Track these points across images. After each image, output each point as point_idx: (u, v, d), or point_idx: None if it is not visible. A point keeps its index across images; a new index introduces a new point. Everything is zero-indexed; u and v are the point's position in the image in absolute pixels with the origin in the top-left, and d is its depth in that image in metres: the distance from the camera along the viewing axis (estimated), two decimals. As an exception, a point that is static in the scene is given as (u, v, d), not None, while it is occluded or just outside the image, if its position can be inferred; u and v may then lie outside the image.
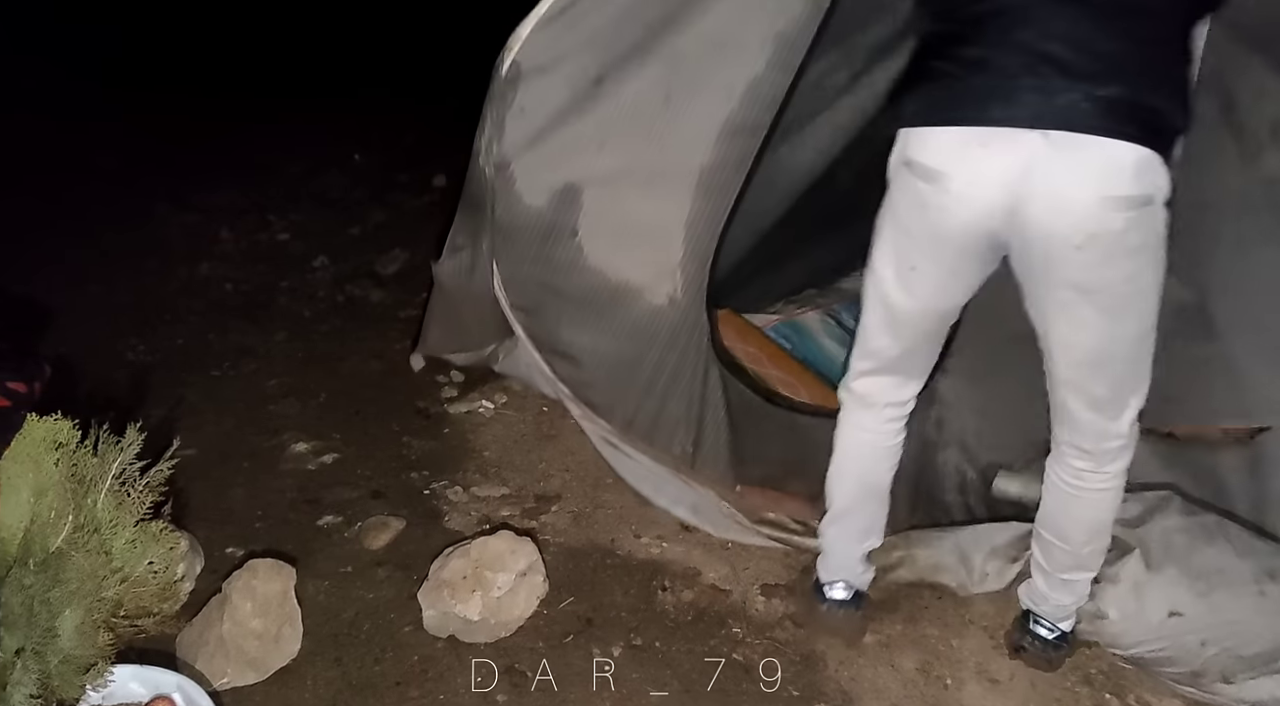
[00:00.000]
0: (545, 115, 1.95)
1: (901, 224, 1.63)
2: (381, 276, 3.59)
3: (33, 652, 1.32)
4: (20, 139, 4.27)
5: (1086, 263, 1.48)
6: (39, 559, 1.34)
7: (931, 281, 1.64)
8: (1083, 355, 1.60)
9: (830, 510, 1.95)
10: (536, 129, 1.96)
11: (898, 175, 1.61)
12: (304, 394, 2.87)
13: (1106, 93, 1.40)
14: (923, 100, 1.55)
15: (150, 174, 4.38)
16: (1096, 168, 1.42)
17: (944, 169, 1.51)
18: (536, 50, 1.89)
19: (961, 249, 1.59)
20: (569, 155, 1.98)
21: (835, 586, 2.00)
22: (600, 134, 1.95)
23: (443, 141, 4.91)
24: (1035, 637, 1.90)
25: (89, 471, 1.45)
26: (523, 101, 1.93)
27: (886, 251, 1.67)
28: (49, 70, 5.28)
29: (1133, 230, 1.46)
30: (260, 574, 1.95)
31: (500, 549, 2.06)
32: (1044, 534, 1.83)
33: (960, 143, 1.50)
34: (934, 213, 1.55)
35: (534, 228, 2.02)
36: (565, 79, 1.92)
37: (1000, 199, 1.48)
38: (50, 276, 3.40)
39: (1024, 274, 1.59)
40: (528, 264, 2.05)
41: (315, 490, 2.46)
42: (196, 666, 1.84)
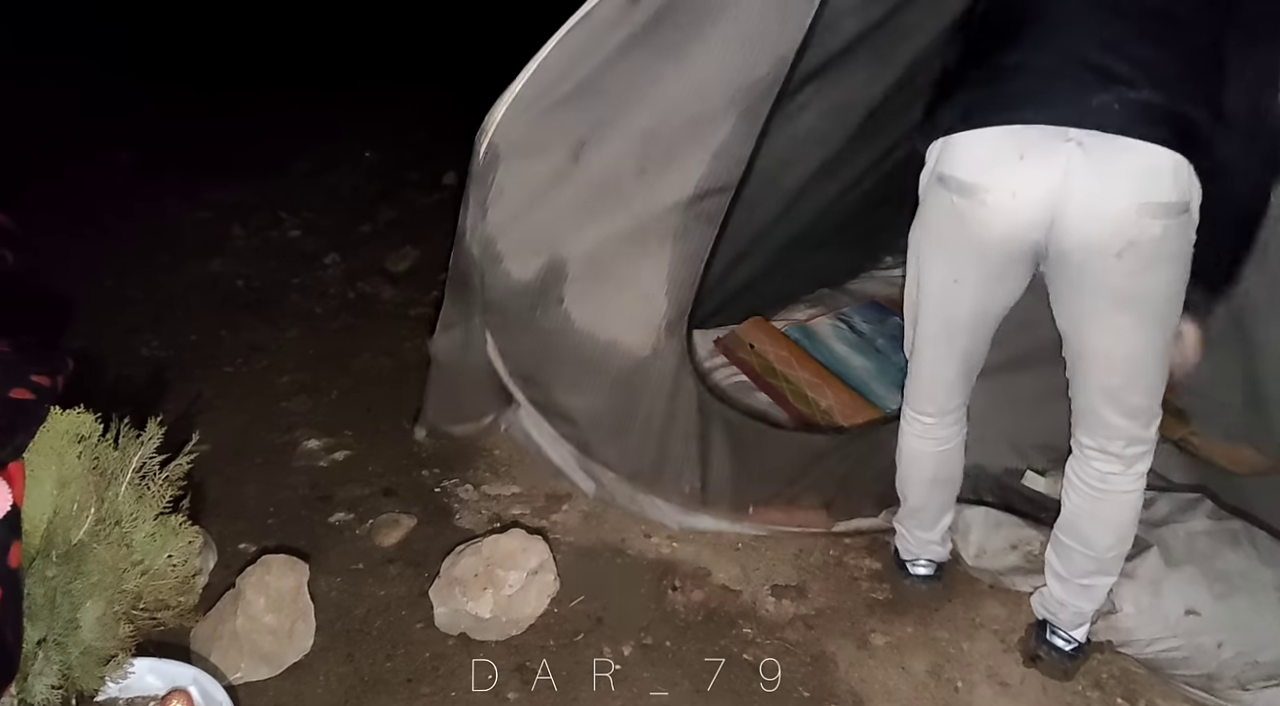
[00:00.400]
0: (525, 193, 2.01)
1: (941, 239, 1.65)
2: (392, 274, 3.60)
3: (54, 643, 1.33)
4: (37, 135, 4.30)
5: (1127, 271, 1.49)
6: (61, 551, 1.35)
7: (976, 291, 1.67)
8: (1120, 363, 1.60)
9: (905, 507, 2.05)
10: (518, 206, 2.02)
11: (931, 191, 1.63)
12: (316, 391, 2.88)
13: (1140, 97, 1.41)
14: (958, 108, 1.56)
15: (164, 170, 4.40)
16: (1135, 174, 1.44)
17: (980, 181, 1.52)
18: (512, 131, 1.94)
19: (1003, 259, 1.61)
20: (551, 229, 2.04)
21: (918, 563, 2.10)
22: (579, 207, 2.01)
23: (453, 139, 4.91)
24: (1052, 648, 1.90)
25: (110, 465, 1.46)
26: (502, 182, 1.99)
27: (928, 266, 1.70)
28: (67, 67, 5.30)
29: (1171, 237, 1.47)
30: (274, 569, 1.96)
31: (512, 547, 2.07)
32: (1065, 539, 1.83)
33: (995, 154, 1.51)
34: (973, 226, 1.57)
35: (523, 299, 2.09)
36: (542, 158, 1.98)
37: (1038, 210, 1.50)
38: (64, 271, 3.42)
39: (1059, 283, 1.60)
40: (520, 333, 2.13)
41: (327, 487, 2.47)
42: (211, 660, 1.86)
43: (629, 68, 1.88)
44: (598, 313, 2.10)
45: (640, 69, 1.88)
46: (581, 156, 1.95)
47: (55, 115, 4.71)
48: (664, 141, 1.93)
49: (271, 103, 5.22)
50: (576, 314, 2.09)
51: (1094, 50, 1.43)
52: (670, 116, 1.91)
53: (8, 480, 1.24)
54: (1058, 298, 1.62)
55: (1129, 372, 1.61)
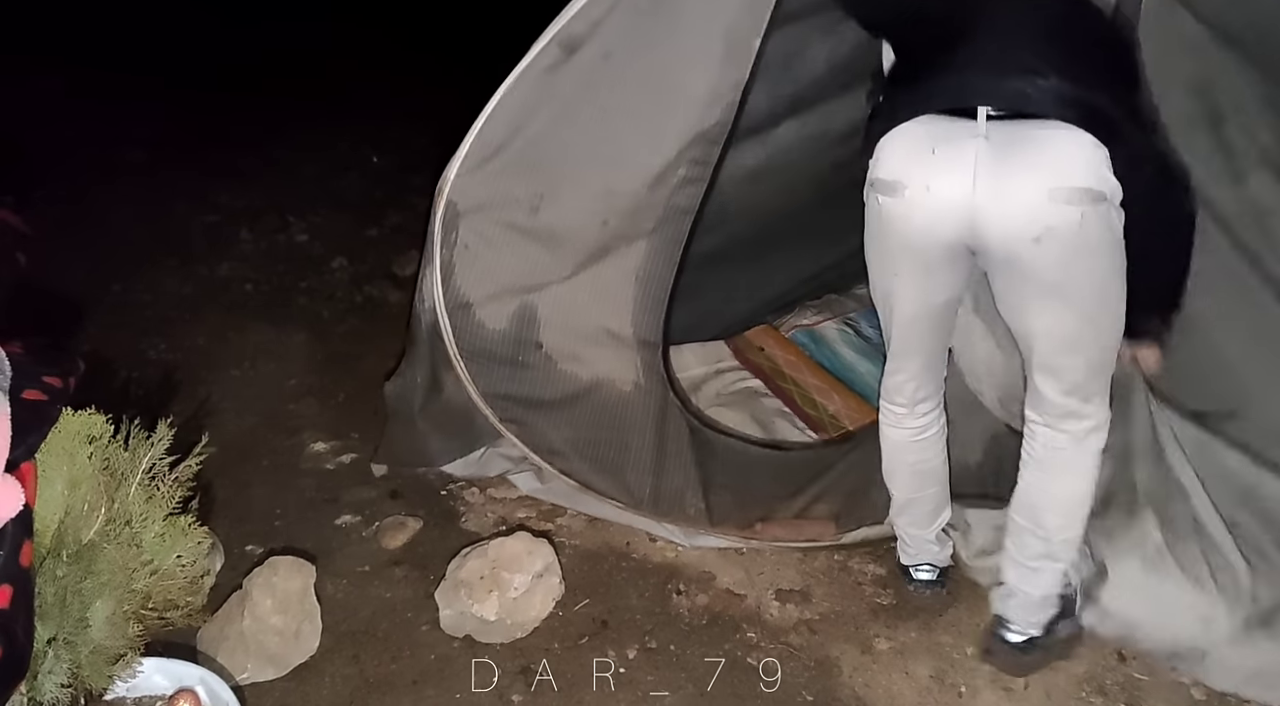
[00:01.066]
0: (488, 246, 2.04)
1: (874, 238, 1.74)
2: (399, 277, 3.62)
3: (64, 642, 1.34)
4: (45, 138, 4.32)
5: (1048, 258, 1.53)
6: (72, 550, 1.36)
7: (914, 286, 1.74)
8: (1057, 344, 1.65)
9: (895, 503, 2.07)
10: (482, 259, 2.05)
11: (868, 196, 1.70)
12: (323, 393, 2.90)
13: (1050, 83, 1.45)
14: (883, 114, 1.63)
15: (172, 174, 4.43)
16: (1045, 159, 1.48)
17: (898, 179, 1.59)
18: (468, 189, 1.99)
19: (929, 252, 1.66)
20: (518, 277, 2.07)
21: (920, 569, 2.11)
22: (543, 255, 2.05)
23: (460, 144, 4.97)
24: (1002, 641, 1.91)
25: (120, 465, 1.47)
26: (465, 238, 2.02)
27: (872, 266, 1.79)
28: (76, 70, 5.34)
29: (1091, 226, 1.50)
30: (281, 571, 1.97)
31: (517, 550, 2.08)
32: (1018, 519, 1.85)
33: (909, 150, 1.58)
34: (897, 223, 1.65)
35: (502, 348, 2.12)
36: (501, 211, 2.02)
37: (954, 202, 1.55)
38: (73, 274, 3.44)
39: (991, 272, 1.67)
40: (504, 382, 2.15)
41: (334, 489, 2.48)
42: (217, 661, 1.87)
43: (579, 124, 1.95)
44: (575, 354, 2.14)
45: (590, 126, 1.95)
46: (540, 209, 2.01)
47: (63, 118, 4.74)
48: (625, 198, 1.99)
49: (279, 107, 5.25)
50: (556, 355, 2.14)
51: (1004, 47, 1.49)
52: (628, 176, 1.97)
53: (20, 480, 1.25)
54: (992, 286, 1.70)
55: (1065, 352, 1.66)
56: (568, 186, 2.00)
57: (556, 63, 1.89)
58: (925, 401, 1.93)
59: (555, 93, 1.92)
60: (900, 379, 1.91)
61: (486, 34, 6.59)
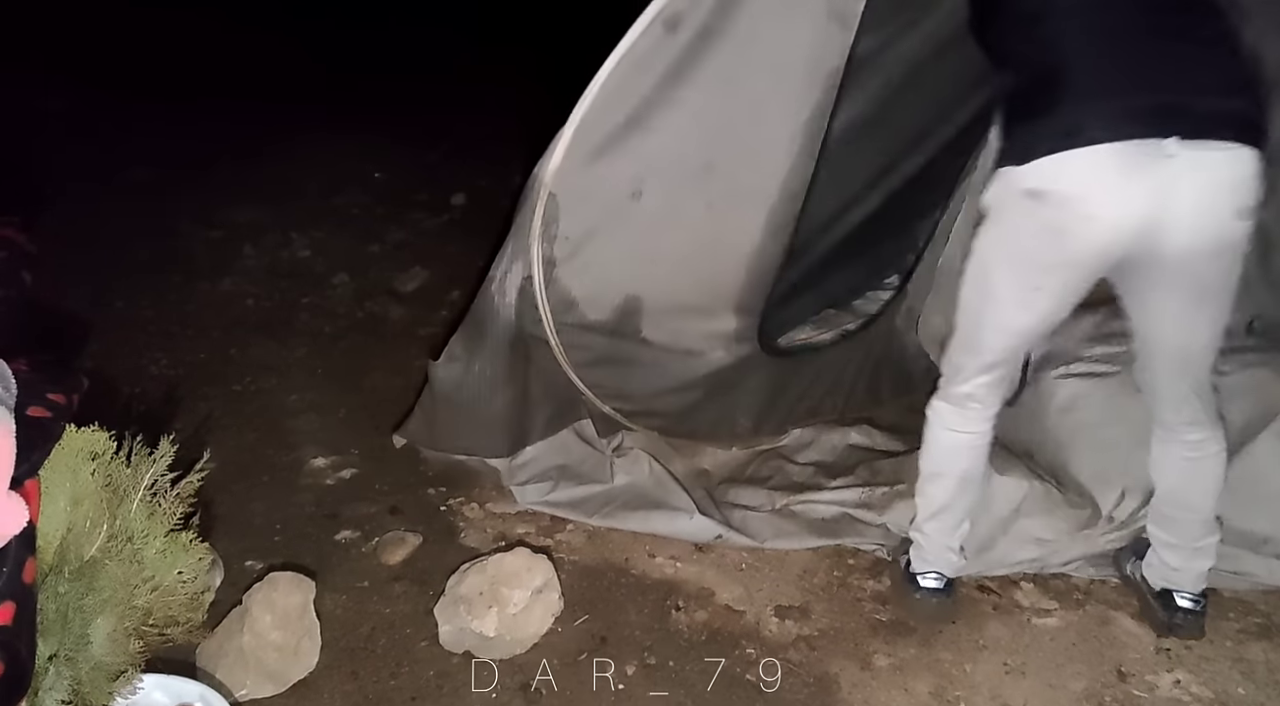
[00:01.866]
0: (588, 238, 2.03)
1: (1025, 250, 1.71)
2: (401, 294, 3.64)
3: (65, 658, 1.35)
4: (48, 156, 4.36)
5: (1218, 269, 1.63)
6: (74, 567, 1.37)
7: (1055, 299, 1.75)
8: (1200, 348, 1.77)
9: (929, 508, 2.06)
10: (584, 251, 2.05)
11: (1015, 205, 1.67)
12: (323, 409, 2.91)
13: (1232, 105, 1.51)
14: (1057, 128, 1.59)
15: (176, 191, 4.45)
16: (1233, 181, 1.54)
17: (1082, 194, 1.58)
18: (568, 179, 1.95)
19: (1094, 269, 1.69)
20: (624, 269, 2.09)
21: (928, 576, 2.10)
22: (646, 245, 2.06)
23: (462, 160, 5.00)
24: (1185, 612, 2.00)
25: (122, 482, 1.48)
26: (566, 230, 2.00)
27: (1003, 275, 1.76)
28: (79, 88, 5.38)
29: (1246, 235, 1.59)
30: (280, 587, 1.98)
31: (516, 565, 2.08)
32: (1170, 512, 1.98)
33: (1098, 169, 1.56)
34: (1071, 239, 1.63)
35: (602, 337, 2.17)
36: (604, 201, 2.00)
37: (1139, 220, 1.57)
38: (76, 291, 3.46)
39: (1144, 284, 1.71)
40: (601, 366, 2.22)
41: (333, 505, 2.49)
42: (217, 677, 1.87)
43: (678, 102, 1.90)
44: (674, 335, 2.19)
45: (690, 103, 1.90)
46: (642, 197, 1.97)
47: (68, 137, 4.77)
48: (727, 176, 1.97)
49: (281, 124, 5.27)
50: (657, 342, 2.19)
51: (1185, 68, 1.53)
52: (730, 150, 1.95)
53: (24, 497, 1.26)
54: (1140, 298, 1.74)
55: (1206, 352, 1.78)
56: (669, 171, 1.96)
57: (656, 43, 1.83)
58: (995, 406, 1.95)
59: (654, 73, 1.86)
60: (985, 382, 1.90)
61: (487, 54, 6.66)
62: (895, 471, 2.43)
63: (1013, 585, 2.20)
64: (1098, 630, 2.08)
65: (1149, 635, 2.06)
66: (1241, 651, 2.01)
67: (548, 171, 1.94)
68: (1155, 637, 2.05)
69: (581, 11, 7.35)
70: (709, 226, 2.06)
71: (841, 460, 2.55)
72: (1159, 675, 1.96)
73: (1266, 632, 2.05)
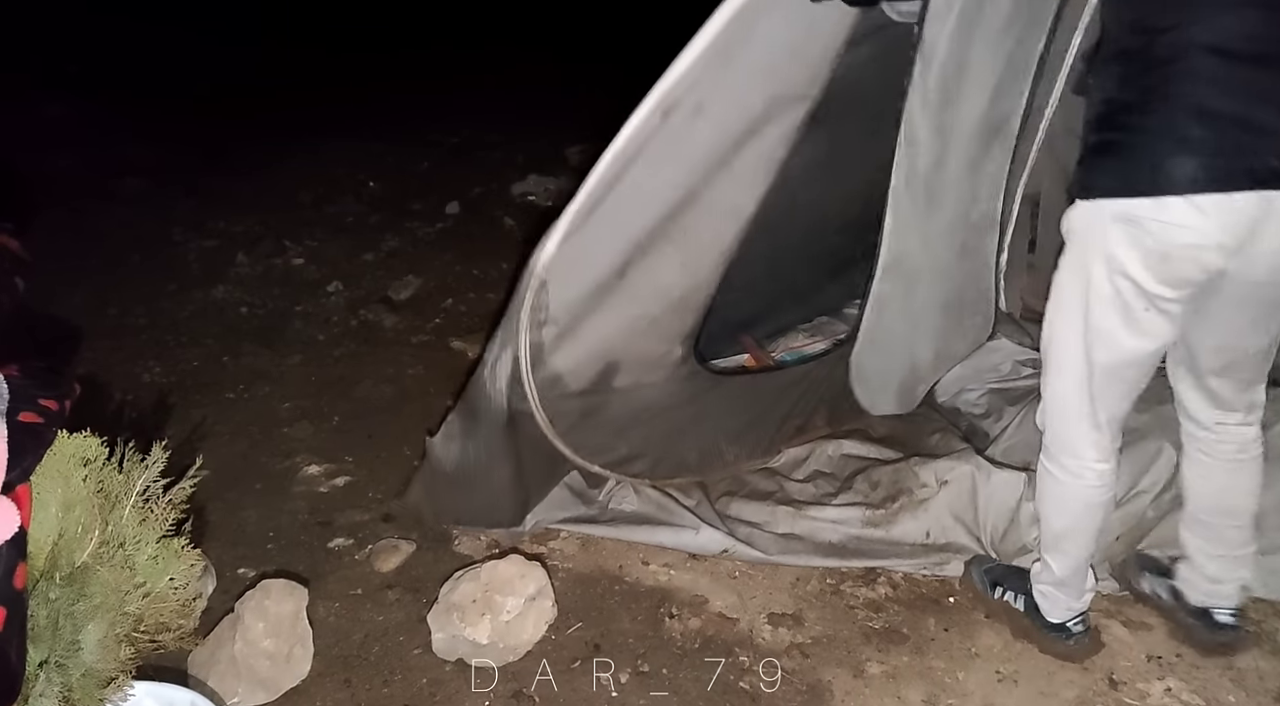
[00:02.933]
0: (579, 318, 2.09)
1: (1128, 275, 1.64)
2: (395, 302, 3.64)
3: (56, 665, 1.34)
4: (42, 164, 4.36)
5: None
6: (65, 573, 1.37)
7: (1166, 322, 1.69)
8: (1261, 352, 1.77)
9: (1060, 570, 1.97)
10: (573, 332, 2.10)
11: (1120, 235, 1.62)
12: (317, 417, 2.91)
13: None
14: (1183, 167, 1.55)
15: (169, 199, 4.46)
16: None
17: (1185, 222, 1.55)
18: (558, 264, 2.00)
19: (1197, 289, 1.65)
20: (604, 338, 2.15)
21: (1075, 622, 2.03)
22: (631, 310, 2.13)
23: (455, 169, 5.02)
24: (1228, 628, 1.99)
25: (114, 488, 1.48)
26: (554, 314, 2.05)
27: (1107, 304, 1.68)
28: (72, 97, 5.39)
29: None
30: (273, 594, 1.97)
31: (510, 573, 2.08)
32: (1211, 519, 1.95)
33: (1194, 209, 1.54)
34: (1177, 264, 1.60)
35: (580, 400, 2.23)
36: (592, 279, 2.06)
37: (1237, 243, 1.56)
38: (69, 298, 3.46)
39: (1221, 301, 1.69)
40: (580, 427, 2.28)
41: (327, 512, 2.49)
42: (208, 684, 1.86)
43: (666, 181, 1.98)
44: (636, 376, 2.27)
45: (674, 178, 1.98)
46: (627, 271, 2.05)
47: (63, 145, 4.78)
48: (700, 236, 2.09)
49: (275, 134, 5.29)
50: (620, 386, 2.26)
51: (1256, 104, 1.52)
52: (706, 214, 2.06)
53: (16, 502, 1.26)
54: (1211, 313, 1.71)
55: (1265, 355, 1.79)
56: (652, 242, 2.04)
57: (653, 129, 1.89)
58: (1117, 450, 1.88)
59: (646, 155, 1.91)
60: (1110, 430, 1.82)
61: (481, 62, 6.69)
62: (895, 481, 2.43)
63: (1005, 593, 2.21)
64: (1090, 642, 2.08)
65: (1140, 643, 2.06)
66: (1232, 659, 2.01)
67: (540, 261, 1.98)
68: (1146, 646, 2.05)
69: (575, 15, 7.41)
70: (680, 284, 2.16)
71: (839, 470, 2.56)
72: (1150, 683, 1.97)
73: (1257, 640, 2.05)
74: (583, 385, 2.20)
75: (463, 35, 7.22)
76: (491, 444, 2.23)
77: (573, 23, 7.37)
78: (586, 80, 6.07)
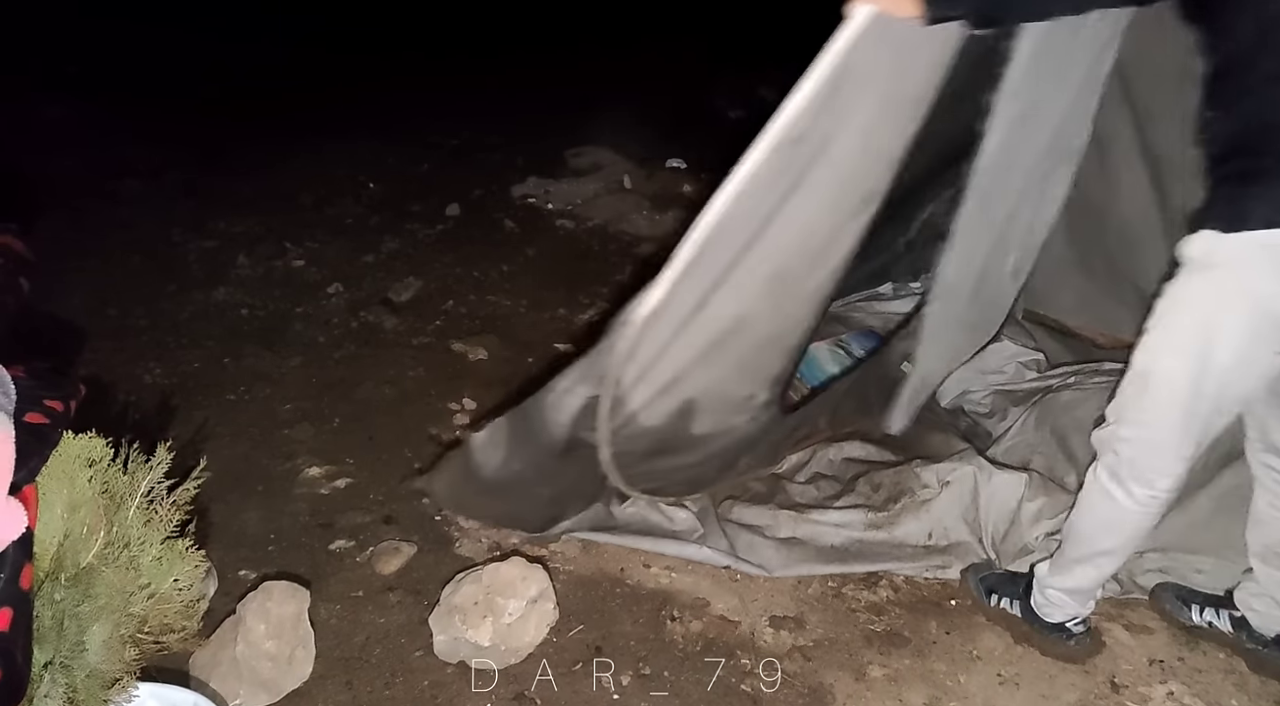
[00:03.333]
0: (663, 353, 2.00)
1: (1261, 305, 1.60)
2: (395, 303, 3.64)
3: (61, 666, 1.34)
4: (43, 165, 4.35)
5: None
6: (70, 573, 1.37)
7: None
8: None
9: (1084, 583, 1.98)
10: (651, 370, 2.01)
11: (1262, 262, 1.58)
12: (318, 419, 2.90)
13: None
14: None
15: (169, 200, 4.45)
16: None
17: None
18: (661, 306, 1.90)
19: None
20: (682, 375, 2.06)
21: (1077, 622, 2.04)
22: (713, 352, 2.04)
23: (455, 171, 5.02)
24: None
25: (119, 489, 1.48)
26: (642, 356, 1.97)
27: (1240, 340, 1.63)
28: (72, 98, 5.39)
29: None
30: (275, 596, 1.97)
31: (512, 575, 2.08)
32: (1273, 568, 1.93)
33: None
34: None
35: (651, 439, 2.18)
36: (679, 319, 1.95)
37: None
38: (70, 299, 3.45)
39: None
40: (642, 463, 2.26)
41: (328, 514, 2.48)
42: (210, 686, 1.86)
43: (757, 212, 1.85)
44: (717, 422, 2.23)
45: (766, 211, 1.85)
46: (709, 303, 1.93)
47: (64, 146, 4.77)
48: (794, 278, 2.02)
49: (276, 135, 5.29)
50: (700, 432, 2.21)
51: None
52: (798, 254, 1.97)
53: (22, 503, 1.26)
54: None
55: None
56: (739, 273, 1.91)
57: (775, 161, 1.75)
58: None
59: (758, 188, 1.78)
60: (1190, 461, 1.77)
61: (478, 64, 6.70)
62: (896, 482, 2.44)
63: (1006, 596, 2.21)
64: (1091, 641, 2.09)
65: (1142, 646, 2.07)
66: (1234, 662, 2.02)
67: (642, 313, 1.88)
68: (1148, 649, 2.06)
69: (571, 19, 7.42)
70: (771, 325, 2.09)
71: (840, 473, 2.57)
72: (1152, 686, 1.97)
73: (1258, 644, 2.06)
74: (657, 423, 2.12)
75: (463, 37, 7.23)
76: (540, 464, 2.17)
77: (572, 24, 7.38)
78: (586, 82, 6.09)
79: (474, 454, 2.26)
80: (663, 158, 4.95)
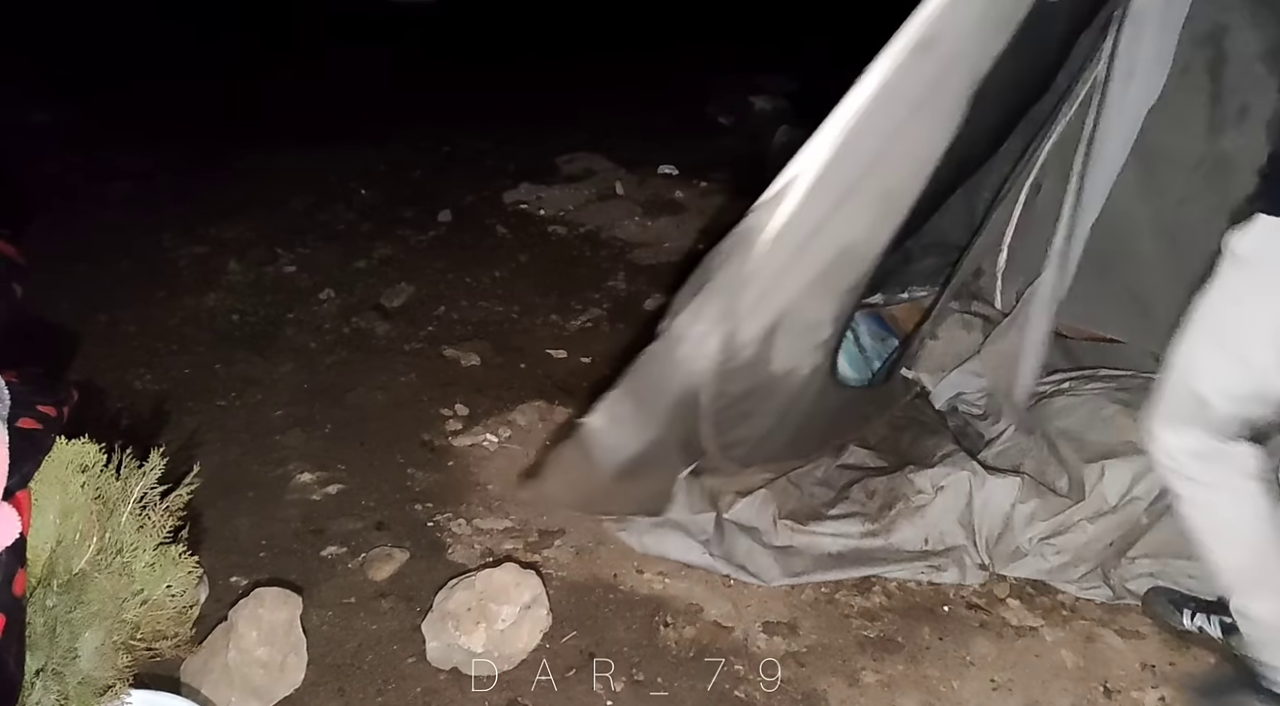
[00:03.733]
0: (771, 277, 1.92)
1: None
2: (387, 309, 3.63)
3: (53, 673, 1.33)
4: (31, 171, 4.33)
5: None
6: (63, 580, 1.36)
7: None
8: None
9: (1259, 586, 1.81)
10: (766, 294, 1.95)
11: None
12: (309, 425, 2.89)
13: None
14: None
15: (159, 205, 4.43)
16: None
17: None
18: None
19: None
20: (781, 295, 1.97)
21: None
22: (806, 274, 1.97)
23: (447, 177, 5.01)
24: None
25: (112, 495, 1.47)
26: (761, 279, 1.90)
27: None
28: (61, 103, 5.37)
29: None
30: (267, 603, 1.96)
31: (505, 581, 2.08)
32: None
33: None
34: None
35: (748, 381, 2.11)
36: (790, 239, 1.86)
37: None
38: (59, 305, 3.43)
39: None
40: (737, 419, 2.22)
41: (320, 521, 2.48)
42: (202, 693, 1.85)
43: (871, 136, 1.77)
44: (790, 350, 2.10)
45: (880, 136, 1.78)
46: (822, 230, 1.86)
47: (54, 151, 4.75)
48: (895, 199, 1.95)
49: (267, 140, 5.27)
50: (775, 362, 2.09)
51: None
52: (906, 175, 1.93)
53: (15, 509, 1.25)
54: None
55: None
56: (851, 200, 1.83)
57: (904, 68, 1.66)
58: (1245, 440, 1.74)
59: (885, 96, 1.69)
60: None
61: (471, 70, 6.70)
62: (891, 489, 2.44)
63: (1000, 602, 2.22)
64: (1084, 647, 2.09)
65: (1134, 651, 2.08)
66: (1226, 668, 2.03)
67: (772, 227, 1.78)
68: (1140, 654, 2.07)
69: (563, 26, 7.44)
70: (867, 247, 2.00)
71: (834, 481, 2.57)
72: (1144, 691, 1.98)
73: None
74: (749, 353, 1.99)
75: (454, 44, 7.22)
76: (675, 430, 2.07)
77: (564, 32, 7.40)
78: (578, 88, 6.10)
79: (598, 440, 2.08)
80: (655, 164, 4.95)
